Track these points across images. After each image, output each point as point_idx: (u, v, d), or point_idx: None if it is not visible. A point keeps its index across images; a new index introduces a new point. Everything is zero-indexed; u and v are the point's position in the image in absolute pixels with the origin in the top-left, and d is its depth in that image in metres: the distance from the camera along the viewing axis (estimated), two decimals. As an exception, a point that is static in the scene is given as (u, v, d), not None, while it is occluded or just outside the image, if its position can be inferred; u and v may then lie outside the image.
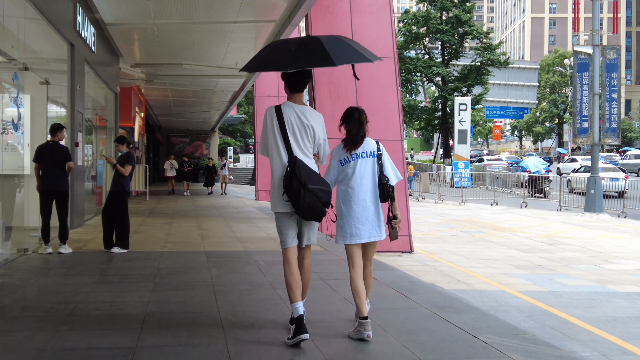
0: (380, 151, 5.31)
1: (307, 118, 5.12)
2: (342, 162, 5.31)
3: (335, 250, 10.28)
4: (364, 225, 5.18)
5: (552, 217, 22.36)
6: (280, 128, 5.02)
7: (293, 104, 5.18)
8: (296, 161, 4.92)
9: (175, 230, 13.17)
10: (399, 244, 13.58)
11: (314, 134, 5.15)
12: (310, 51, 5.10)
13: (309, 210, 4.91)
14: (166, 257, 9.58)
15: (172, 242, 11.27)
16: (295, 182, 4.83)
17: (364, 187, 5.21)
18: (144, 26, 15.59)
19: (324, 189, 4.98)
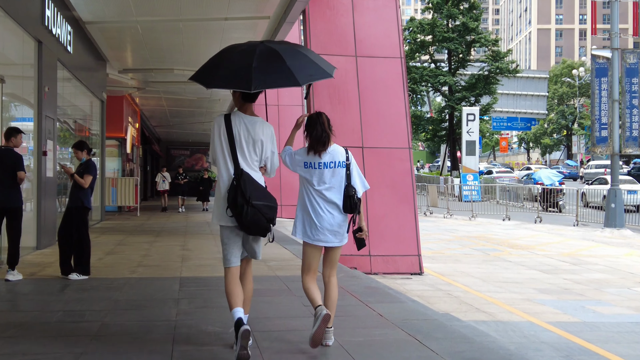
0: (349, 160, 5.17)
1: (255, 130, 4.98)
2: (306, 164, 5.18)
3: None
4: (325, 230, 5.06)
5: (570, 233, 20.88)
6: (228, 139, 4.90)
7: (243, 114, 5.02)
8: (242, 174, 4.81)
9: (155, 251, 11.69)
10: (408, 265, 12.17)
11: (262, 146, 5.02)
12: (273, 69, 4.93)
13: (252, 226, 4.78)
14: (131, 286, 8.08)
15: (145, 266, 9.78)
16: (239, 197, 4.71)
17: (329, 198, 5.08)
18: (127, 25, 14.22)
19: (269, 205, 4.86)
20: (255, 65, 4.83)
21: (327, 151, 5.17)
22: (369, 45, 13.08)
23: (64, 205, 13.69)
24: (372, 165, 12.43)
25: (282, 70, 4.92)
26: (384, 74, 13.03)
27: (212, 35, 15.18)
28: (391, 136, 12.71)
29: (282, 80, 5.09)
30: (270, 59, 4.97)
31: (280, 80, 5.19)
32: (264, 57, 4.98)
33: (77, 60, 14.62)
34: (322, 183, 5.12)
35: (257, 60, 4.89)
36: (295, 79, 4.91)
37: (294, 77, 4.91)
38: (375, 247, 12.16)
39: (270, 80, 4.99)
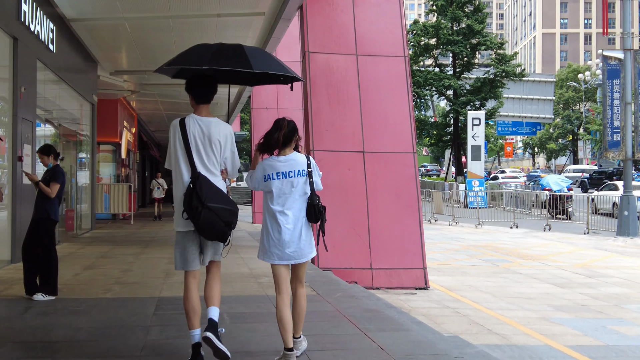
0: (311, 167, 4.96)
1: (211, 131, 4.87)
2: (265, 178, 4.91)
3: (330, 295, 7.93)
4: (290, 247, 4.84)
5: (582, 242, 19.98)
6: (183, 143, 4.82)
7: (198, 116, 4.92)
8: (198, 177, 4.74)
9: (138, 265, 10.75)
10: (412, 279, 11.31)
11: (220, 147, 4.92)
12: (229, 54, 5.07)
13: (209, 230, 4.71)
14: (100, 309, 7.11)
15: (123, 284, 8.81)
16: (195, 199, 4.63)
17: (291, 210, 4.87)
18: (113, 22, 13.39)
19: (228, 209, 4.79)
20: (213, 50, 5.04)
21: (284, 160, 4.91)
22: (370, 42, 12.27)
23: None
24: (373, 171, 11.61)
25: (237, 56, 5.06)
26: (387, 73, 12.21)
27: (205, 34, 14.33)
28: (394, 140, 11.89)
29: (234, 62, 5.08)
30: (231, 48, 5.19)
31: (277, 67, 5.24)
32: (227, 46, 5.21)
33: (63, 60, 13.79)
34: (282, 195, 4.88)
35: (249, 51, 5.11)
36: (249, 63, 4.98)
37: (249, 62, 5.01)
38: (378, 259, 11.32)
39: (269, 65, 5.14)
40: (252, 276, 9.72)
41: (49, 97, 13.83)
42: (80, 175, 18.16)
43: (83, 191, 18.12)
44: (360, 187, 11.53)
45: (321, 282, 8.77)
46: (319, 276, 9.33)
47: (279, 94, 24.65)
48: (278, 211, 4.84)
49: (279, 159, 4.90)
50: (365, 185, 11.54)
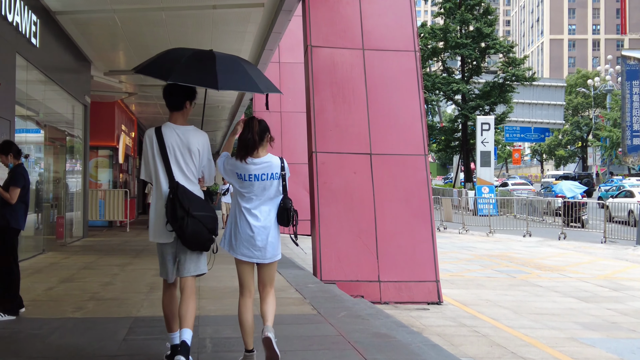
0: (284, 170, 4.84)
1: (189, 140, 4.77)
2: (238, 175, 4.78)
3: (333, 315, 6.93)
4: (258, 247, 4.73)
5: (600, 252, 18.92)
6: (161, 152, 4.69)
7: (174, 124, 4.82)
8: (178, 187, 4.61)
9: (122, 277, 9.73)
10: (424, 293, 10.33)
11: (199, 155, 4.82)
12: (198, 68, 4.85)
13: (195, 239, 4.64)
14: (64, 332, 6.06)
15: (99, 300, 7.79)
16: (179, 209, 4.51)
17: (262, 210, 4.76)
18: (102, 15, 12.45)
19: (210, 215, 4.74)
20: (218, 67, 4.81)
21: (258, 163, 4.75)
22: (378, 36, 11.33)
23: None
24: (381, 175, 10.65)
25: (245, 75, 4.92)
26: (396, 69, 11.28)
27: (201, 28, 13.41)
28: (404, 141, 10.95)
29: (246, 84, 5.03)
30: (202, 60, 4.91)
31: (244, 85, 5.10)
32: (198, 57, 4.95)
33: (49, 57, 12.87)
34: (252, 197, 4.76)
35: (220, 63, 4.87)
36: (215, 81, 4.75)
37: (256, 84, 4.92)
38: (386, 271, 10.35)
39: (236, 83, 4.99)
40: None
41: (34, 96, 12.92)
42: (72, 181, 17.26)
43: (74, 197, 17.19)
44: (367, 192, 10.58)
45: (323, 298, 7.80)
46: (320, 291, 8.35)
47: (283, 96, 23.71)
48: (248, 209, 4.72)
49: (253, 162, 4.74)
50: (372, 190, 10.58)
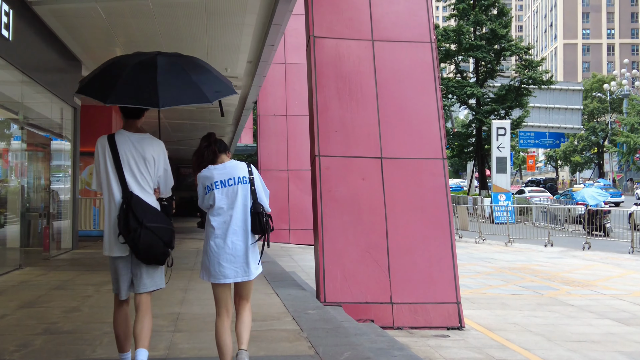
0: (252, 175, 4.70)
1: (144, 148, 4.56)
2: (207, 190, 4.63)
3: (335, 357, 5.59)
4: (231, 263, 4.52)
5: (628, 263, 17.56)
6: (114, 161, 4.49)
7: (128, 132, 4.60)
8: (132, 197, 4.42)
9: (92, 302, 8.23)
10: (443, 317, 9.04)
11: (154, 164, 4.60)
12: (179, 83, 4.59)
13: (149, 252, 4.41)
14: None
15: (53, 333, 6.34)
16: (131, 220, 4.33)
17: (231, 220, 4.54)
18: (83, 5, 11.19)
19: (166, 227, 4.50)
20: (159, 79, 4.49)
21: (221, 168, 4.65)
22: (389, 26, 10.08)
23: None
24: (394, 181, 9.38)
25: (188, 86, 4.64)
26: (410, 62, 10.00)
27: (194, 20, 12.14)
28: (419, 143, 9.70)
29: (190, 96, 4.70)
30: (174, 73, 4.64)
31: (188, 97, 4.73)
32: (167, 70, 4.62)
33: (27, 53, 11.64)
34: (221, 205, 4.57)
35: (161, 74, 4.54)
36: (204, 95, 4.60)
37: (202, 92, 4.62)
38: (399, 291, 9.06)
39: (178, 97, 4.64)
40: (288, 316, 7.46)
41: (12, 96, 11.74)
42: (62, 188, 16.07)
43: (63, 206, 15.97)
44: (377, 201, 9.30)
45: (324, 330, 6.45)
46: (322, 320, 7.00)
47: (288, 98, 22.49)
48: (219, 226, 4.54)
49: (215, 167, 4.67)
50: (383, 199, 9.31)
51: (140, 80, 4.52)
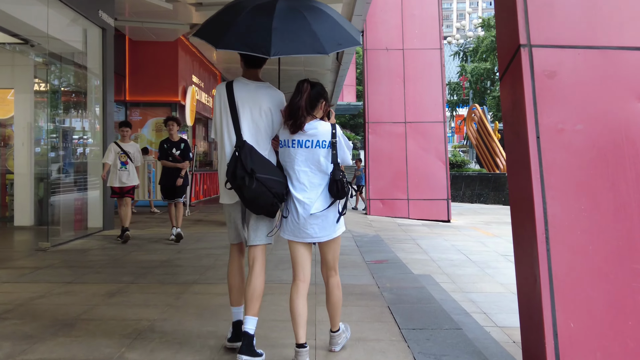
0: (335, 138, 4.23)
1: (261, 98, 4.28)
2: (281, 143, 4.29)
3: None
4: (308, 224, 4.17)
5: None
6: (230, 108, 4.27)
7: (247, 80, 4.34)
8: (244, 146, 4.17)
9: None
10: None
11: (271, 115, 4.29)
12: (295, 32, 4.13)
13: (255, 202, 4.16)
14: None
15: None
16: (239, 169, 4.08)
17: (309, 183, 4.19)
18: None
19: (277, 179, 4.18)
20: (275, 25, 4.05)
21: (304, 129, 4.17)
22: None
23: None
24: None
25: (305, 34, 4.14)
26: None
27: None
28: None
29: (305, 46, 4.15)
30: (292, 19, 4.16)
31: (304, 47, 4.16)
32: (285, 16, 4.15)
33: None
34: (298, 166, 4.22)
35: (278, 20, 4.08)
36: (321, 45, 4.10)
37: (320, 43, 4.11)
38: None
39: (292, 46, 4.10)
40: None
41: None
42: (93, 146, 11.35)
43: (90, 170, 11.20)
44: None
45: None
46: None
47: (406, 27, 16.82)
48: (294, 183, 4.22)
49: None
50: None
51: (255, 26, 4.10)
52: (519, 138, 4.01)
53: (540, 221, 3.71)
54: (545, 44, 3.96)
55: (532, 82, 3.89)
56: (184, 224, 12.83)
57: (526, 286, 4.00)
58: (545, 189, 3.76)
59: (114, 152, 9.95)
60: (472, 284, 8.18)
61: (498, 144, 26.22)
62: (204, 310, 5.51)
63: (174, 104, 17.38)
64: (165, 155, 10.02)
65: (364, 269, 7.83)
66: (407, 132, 16.20)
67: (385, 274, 7.52)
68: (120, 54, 16.53)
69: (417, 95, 16.43)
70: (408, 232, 13.04)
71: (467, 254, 10.54)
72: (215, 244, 9.92)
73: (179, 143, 10.03)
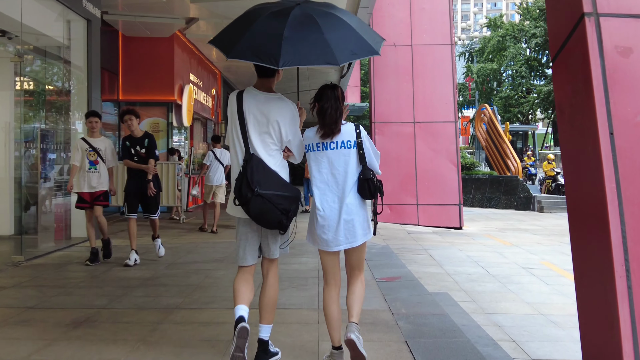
0: (361, 138, 4.19)
1: (269, 110, 4.15)
2: (307, 147, 4.25)
3: None
4: (337, 231, 4.13)
5: None
6: (239, 119, 4.17)
7: (257, 90, 4.22)
8: (251, 159, 4.08)
9: None
10: None
11: (278, 128, 4.15)
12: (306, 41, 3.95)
13: (263, 218, 4.07)
14: None
15: None
16: (245, 187, 4.02)
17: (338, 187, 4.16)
18: None
19: (284, 195, 4.08)
20: (286, 34, 3.88)
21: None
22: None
23: None
24: None
25: (317, 44, 3.94)
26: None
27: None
28: None
29: (315, 56, 3.91)
30: (304, 28, 3.98)
31: (314, 57, 3.93)
32: (298, 24, 3.98)
33: None
34: (326, 169, 4.18)
35: (289, 29, 3.92)
36: (333, 55, 3.87)
37: (332, 53, 3.88)
38: None
39: (302, 56, 3.88)
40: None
41: None
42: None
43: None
44: None
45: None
46: None
47: (415, 22, 15.87)
48: (322, 189, 4.18)
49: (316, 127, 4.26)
50: None
51: (266, 35, 3.94)
52: (583, 135, 3.05)
53: (618, 248, 2.76)
54: (616, 13, 3.02)
55: (601, 61, 2.95)
56: (174, 233, 11.89)
57: (596, 334, 3.04)
58: (623, 204, 2.81)
59: (81, 149, 8.34)
60: (495, 303, 7.23)
61: (509, 145, 25.22)
62: (183, 349, 4.55)
63: (170, 104, 16.46)
64: (129, 155, 8.33)
65: (374, 288, 6.88)
66: (416, 133, 15.25)
67: (399, 295, 6.57)
68: (113, 51, 15.65)
69: (426, 94, 15.47)
70: (419, 241, 12.07)
71: (485, 266, 9.58)
72: (207, 257, 8.99)
73: (142, 139, 8.40)
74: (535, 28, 53.28)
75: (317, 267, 8.21)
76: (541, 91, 53.48)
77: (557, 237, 13.54)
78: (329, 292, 4.25)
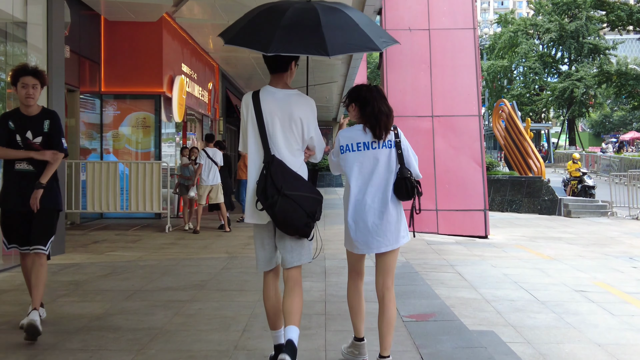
0: (399, 138, 4.18)
1: (291, 107, 4.04)
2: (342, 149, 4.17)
3: None
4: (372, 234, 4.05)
5: None
6: (257, 120, 4.02)
7: (274, 88, 4.08)
8: (273, 161, 3.95)
9: None
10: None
11: (301, 125, 4.06)
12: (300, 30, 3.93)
13: (288, 222, 3.90)
14: None
15: None
16: (269, 187, 3.86)
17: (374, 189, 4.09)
18: None
19: (310, 196, 3.97)
20: (283, 23, 3.89)
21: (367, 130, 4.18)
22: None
23: None
24: None
25: (311, 34, 3.91)
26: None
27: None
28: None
29: (306, 46, 3.91)
30: (303, 18, 3.97)
31: (304, 47, 3.92)
32: (298, 15, 3.98)
33: None
34: (362, 170, 4.12)
35: (288, 18, 3.93)
36: (324, 46, 3.82)
37: (324, 44, 3.83)
38: None
39: (293, 45, 3.89)
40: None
41: None
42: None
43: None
44: None
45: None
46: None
47: (432, 3, 14.08)
48: (358, 191, 4.10)
49: (359, 127, 4.17)
50: None
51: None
52: None
53: None
54: None
55: None
56: (158, 245, 10.15)
57: None
58: None
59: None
60: (557, 346, 5.45)
61: (531, 143, 23.35)
62: None
63: (158, 96, 14.71)
64: (8, 140, 5.10)
65: (401, 331, 5.09)
66: (434, 128, 13.45)
67: (439, 347, 4.76)
68: (94, 38, 13.95)
69: (446, 84, 13.68)
70: (442, 254, 10.27)
71: (529, 289, 7.77)
72: (185, 280, 7.23)
73: (39, 118, 5.19)
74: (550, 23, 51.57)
75: (324, 298, 6.45)
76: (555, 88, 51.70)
77: (597, 248, 11.73)
78: (354, 284, 4.23)
